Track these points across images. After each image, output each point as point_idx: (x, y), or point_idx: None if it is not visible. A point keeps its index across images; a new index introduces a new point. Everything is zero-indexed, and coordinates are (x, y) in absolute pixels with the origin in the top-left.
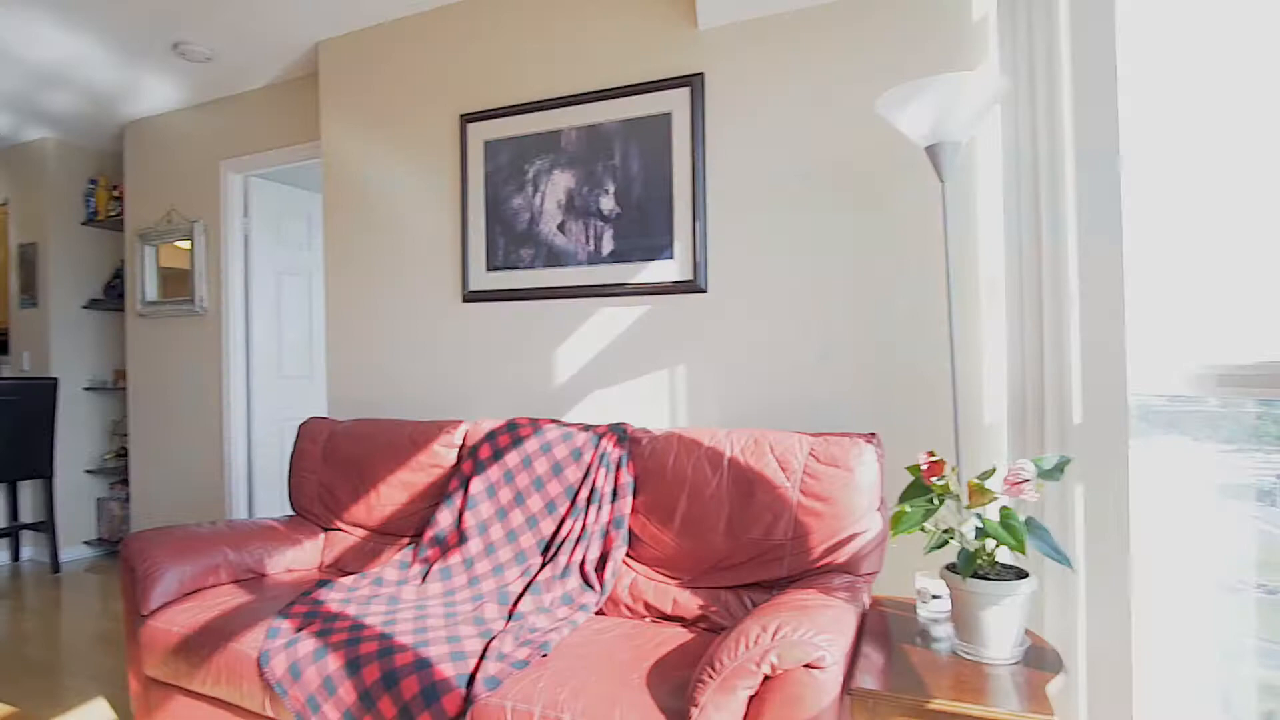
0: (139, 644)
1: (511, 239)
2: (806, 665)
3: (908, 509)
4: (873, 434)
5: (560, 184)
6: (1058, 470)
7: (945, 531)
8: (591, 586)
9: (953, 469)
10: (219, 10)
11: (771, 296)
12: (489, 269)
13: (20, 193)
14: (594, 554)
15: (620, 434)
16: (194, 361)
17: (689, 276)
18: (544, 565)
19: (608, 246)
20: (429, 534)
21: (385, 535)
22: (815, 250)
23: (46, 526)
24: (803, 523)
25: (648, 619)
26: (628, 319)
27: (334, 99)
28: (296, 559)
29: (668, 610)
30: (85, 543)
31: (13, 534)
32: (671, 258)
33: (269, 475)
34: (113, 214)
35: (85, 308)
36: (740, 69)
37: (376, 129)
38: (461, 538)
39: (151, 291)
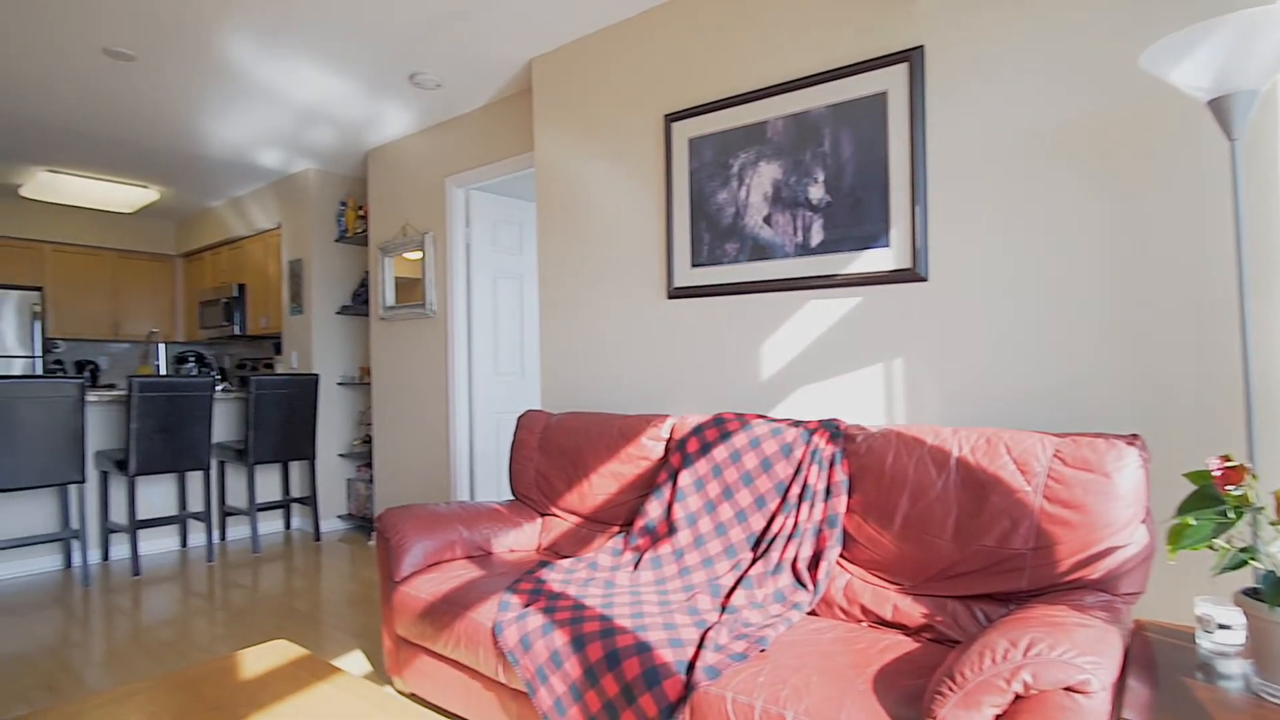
0: (392, 607)
1: (716, 234)
2: (1066, 689)
3: (1192, 521)
4: (1135, 436)
5: (766, 176)
6: None
7: (1243, 550)
8: (804, 585)
9: (1253, 476)
10: (448, 40)
11: (1003, 282)
12: (693, 265)
13: (289, 217)
14: (806, 552)
15: (833, 430)
16: (424, 359)
17: (907, 265)
18: (755, 560)
19: (817, 237)
20: (639, 523)
21: (597, 522)
22: (1056, 230)
23: (310, 501)
24: (1047, 532)
25: (864, 623)
26: (838, 311)
27: (545, 111)
28: (517, 540)
29: (887, 616)
30: (338, 516)
31: (285, 506)
32: (887, 246)
33: (486, 462)
34: (358, 231)
35: (338, 313)
36: (965, 37)
37: (584, 136)
38: (671, 529)
39: (390, 297)
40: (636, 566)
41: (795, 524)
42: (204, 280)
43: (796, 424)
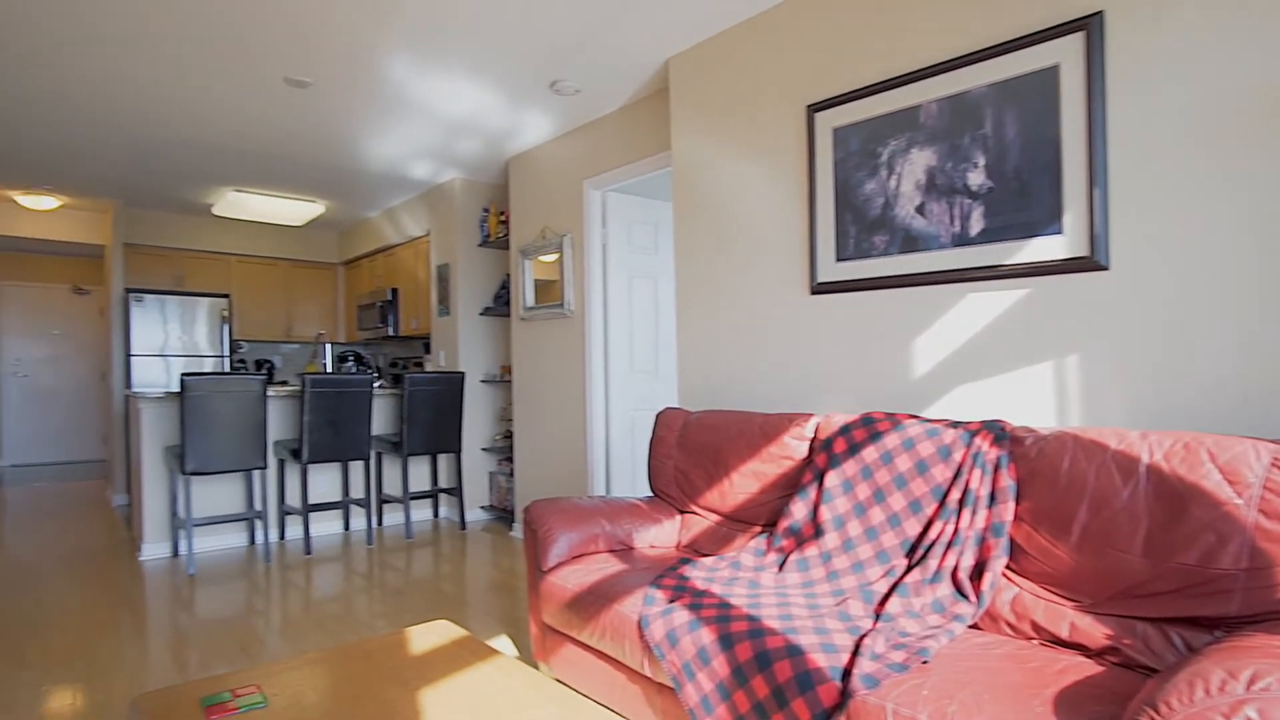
0: (539, 595)
1: (863, 227)
2: None
3: None
4: None
5: (919, 163)
6: None
7: None
8: (965, 596)
9: None
10: (589, 47)
11: (1197, 270)
12: (838, 259)
13: (437, 224)
14: (968, 561)
15: (997, 432)
16: (562, 358)
17: (1083, 252)
18: (910, 567)
19: (976, 226)
20: (783, 524)
21: (737, 522)
22: (1260, 211)
23: (456, 492)
24: (1265, 551)
25: (1036, 641)
26: (1001, 305)
27: (682, 109)
28: (657, 536)
29: (1062, 635)
30: (481, 507)
31: (433, 496)
32: (1059, 232)
33: (621, 458)
34: (499, 235)
35: (481, 314)
36: None
37: (721, 132)
38: (817, 531)
39: (529, 298)
40: (781, 568)
41: (955, 531)
42: (362, 285)
43: (955, 425)
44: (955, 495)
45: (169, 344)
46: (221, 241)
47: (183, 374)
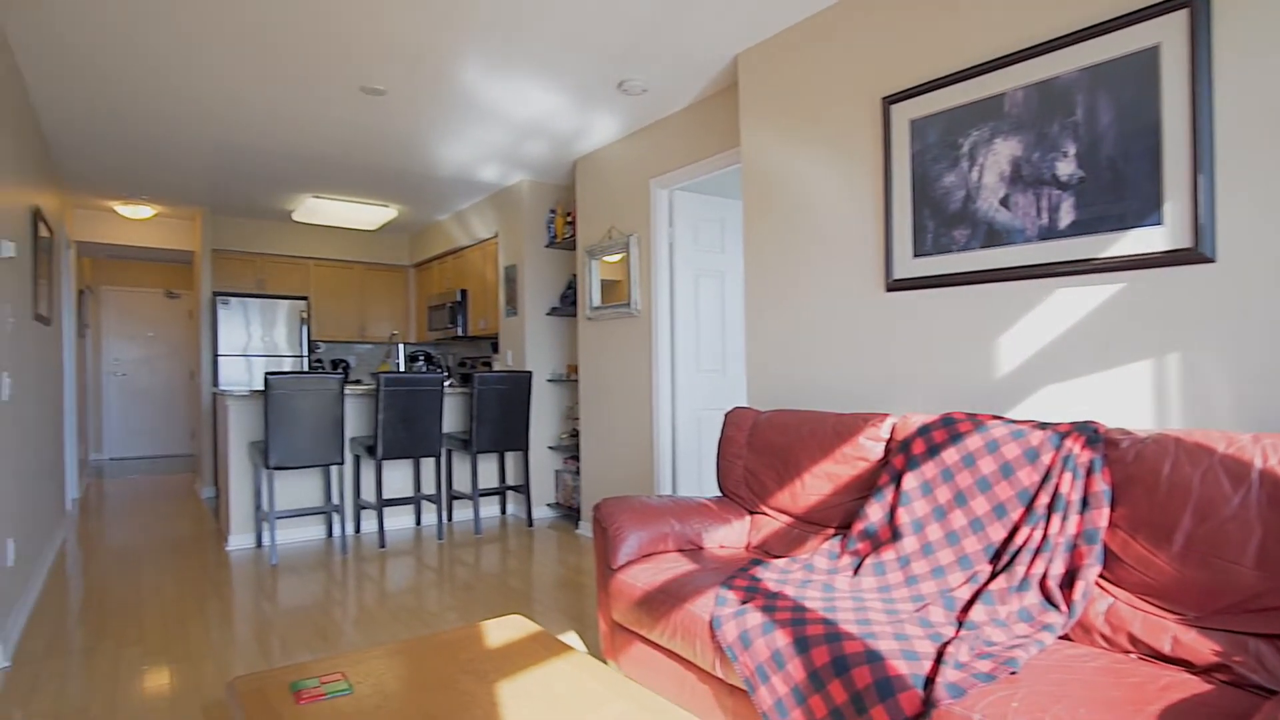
0: (608, 593)
1: (942, 221)
2: None
3: None
4: None
5: (1002, 154)
6: None
7: None
8: (1055, 605)
9: None
10: (657, 45)
11: None
12: (915, 255)
13: (505, 226)
14: (1058, 569)
15: (1090, 434)
16: (628, 357)
17: (1186, 244)
18: (995, 574)
19: (1066, 218)
20: (858, 527)
21: (809, 523)
22: None
23: (523, 489)
24: None
25: (1133, 654)
26: (1093, 300)
27: (752, 105)
28: (727, 537)
29: (1164, 649)
30: (547, 505)
31: (501, 493)
32: (1159, 223)
33: (687, 458)
34: (566, 236)
35: (547, 314)
36: None
37: (792, 127)
38: (894, 534)
39: (596, 298)
40: (856, 572)
41: (1044, 537)
42: (432, 287)
43: (1042, 426)
44: (1044, 500)
45: (251, 344)
46: (300, 246)
47: (267, 373)
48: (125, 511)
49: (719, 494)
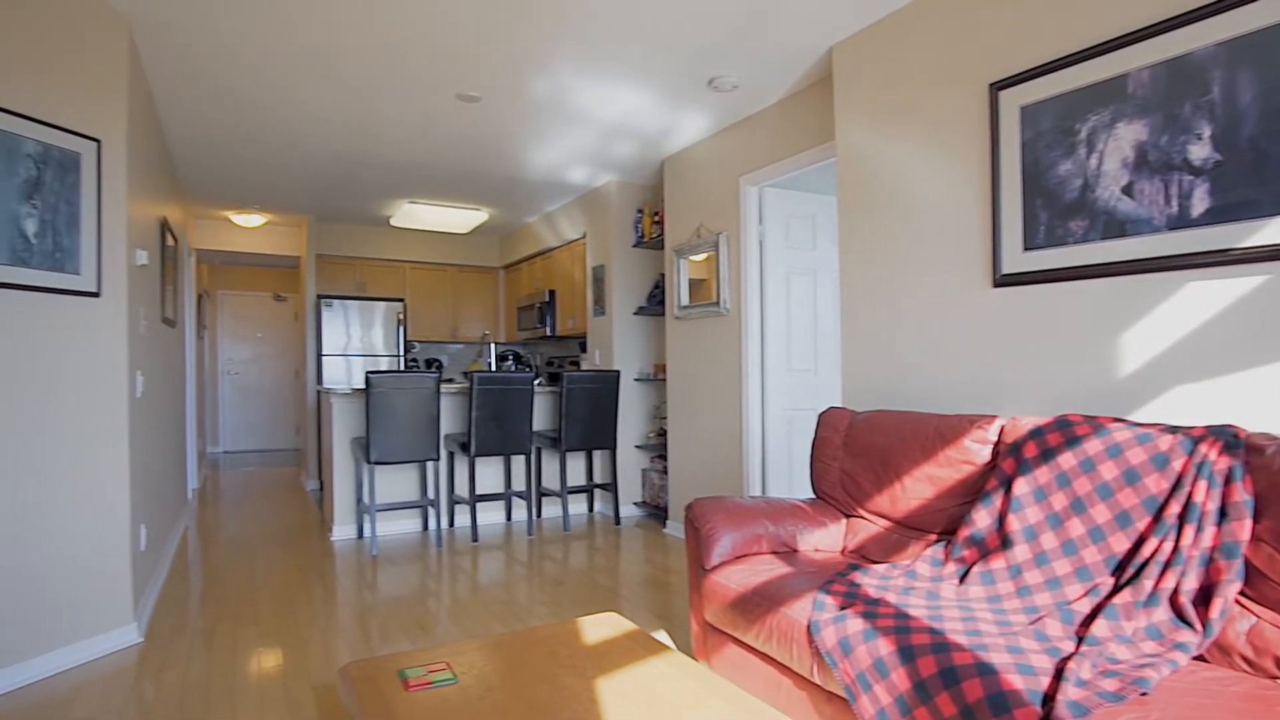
0: (700, 593)
1: (1056, 212)
2: None
3: None
4: None
5: (1125, 138)
6: None
7: None
8: (1188, 623)
9: None
10: (748, 40)
11: None
12: (1026, 249)
13: (593, 226)
14: (1191, 584)
15: (1228, 439)
16: (717, 356)
17: None
18: (1118, 587)
19: (1200, 205)
20: (964, 533)
21: (909, 528)
22: None
23: (611, 487)
24: None
25: None
26: (1232, 294)
27: (847, 97)
28: (821, 540)
29: None
30: (634, 503)
31: (588, 491)
32: None
33: (778, 459)
34: (654, 236)
35: (635, 314)
36: None
37: (890, 119)
38: (1004, 542)
39: (684, 297)
40: (962, 580)
41: (1175, 549)
42: (521, 288)
43: (1172, 430)
44: (1174, 509)
45: (350, 344)
46: (397, 250)
47: (368, 372)
48: (238, 502)
49: (812, 496)
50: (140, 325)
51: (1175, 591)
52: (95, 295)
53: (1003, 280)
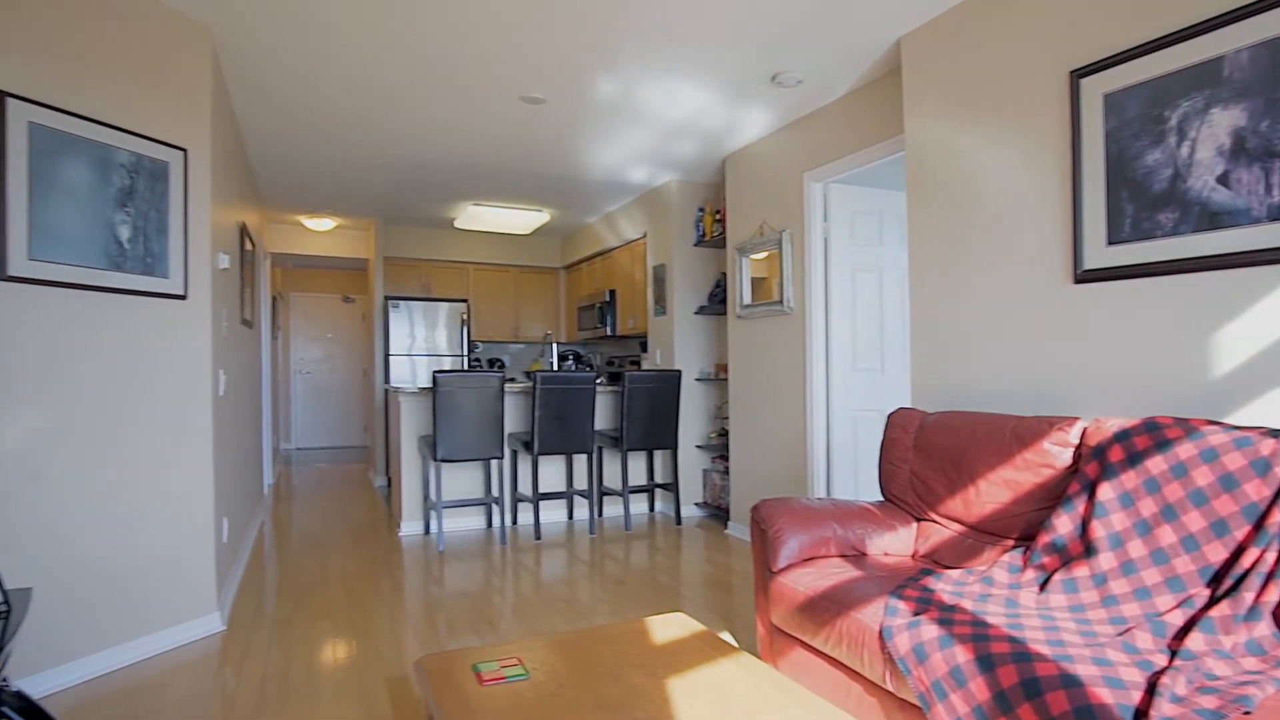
0: (767, 596)
1: (1143, 204)
2: None
3: None
4: None
5: (1221, 125)
6: None
7: None
8: None
9: None
10: (813, 33)
11: None
12: (1109, 243)
13: (654, 225)
14: None
15: None
16: (780, 356)
17: None
18: (1215, 599)
19: None
20: (1044, 539)
21: (984, 533)
22: None
23: (672, 487)
24: None
25: None
26: None
27: (917, 89)
28: (891, 544)
29: None
30: (695, 504)
31: (649, 491)
32: None
33: (843, 460)
34: (715, 234)
35: (696, 313)
36: None
37: (962, 111)
38: (1088, 549)
39: (747, 296)
40: (1043, 588)
41: (1277, 560)
42: (581, 288)
43: (1274, 434)
44: (1277, 518)
45: (415, 345)
46: (461, 251)
47: (435, 371)
48: (310, 497)
49: (880, 498)
50: (222, 326)
51: (1278, 605)
52: (182, 298)
53: (1084, 276)
